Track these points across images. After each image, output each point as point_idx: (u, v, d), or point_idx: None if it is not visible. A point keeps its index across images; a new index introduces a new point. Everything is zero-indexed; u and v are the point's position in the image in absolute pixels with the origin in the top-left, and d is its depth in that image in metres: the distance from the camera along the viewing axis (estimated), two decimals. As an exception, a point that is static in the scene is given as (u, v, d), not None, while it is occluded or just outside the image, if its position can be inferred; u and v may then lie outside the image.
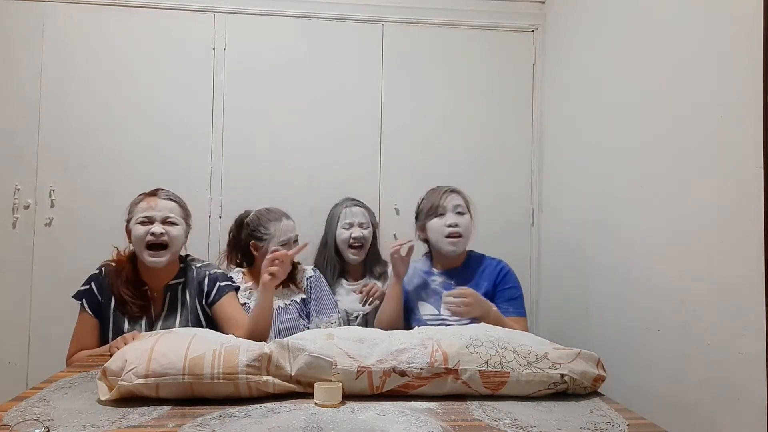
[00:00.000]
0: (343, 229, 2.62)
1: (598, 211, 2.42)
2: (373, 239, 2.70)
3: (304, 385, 1.44)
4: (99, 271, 2.14)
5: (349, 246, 2.61)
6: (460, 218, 2.30)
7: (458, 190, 2.38)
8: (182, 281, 2.17)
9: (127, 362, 1.39)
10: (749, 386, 1.56)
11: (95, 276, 2.13)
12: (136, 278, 2.12)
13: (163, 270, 2.12)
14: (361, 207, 2.69)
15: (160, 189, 2.18)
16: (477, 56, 3.05)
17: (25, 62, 2.79)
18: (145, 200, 2.12)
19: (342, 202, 2.71)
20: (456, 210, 2.31)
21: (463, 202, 2.34)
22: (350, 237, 2.60)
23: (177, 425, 1.23)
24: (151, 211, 2.09)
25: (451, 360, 1.47)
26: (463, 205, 2.33)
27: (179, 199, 2.19)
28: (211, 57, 2.91)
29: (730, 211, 1.64)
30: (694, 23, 1.83)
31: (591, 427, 1.27)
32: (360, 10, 2.99)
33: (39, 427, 1.16)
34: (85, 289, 2.10)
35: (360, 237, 2.60)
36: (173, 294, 2.14)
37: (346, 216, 2.64)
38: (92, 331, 2.08)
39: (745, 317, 1.58)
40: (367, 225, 2.65)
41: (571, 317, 2.65)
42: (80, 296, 2.10)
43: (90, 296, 2.09)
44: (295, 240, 2.43)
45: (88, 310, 2.08)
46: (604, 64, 2.43)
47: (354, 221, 2.62)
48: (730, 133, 1.65)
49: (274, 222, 2.40)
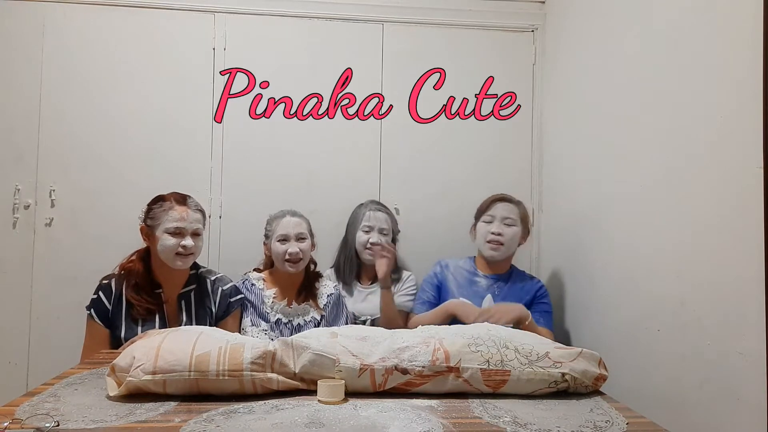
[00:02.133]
0: (362, 231, 2.62)
1: (598, 210, 2.43)
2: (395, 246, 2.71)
3: (308, 383, 1.46)
4: (108, 282, 2.13)
5: (365, 248, 2.62)
6: (506, 229, 2.46)
7: (516, 201, 2.55)
8: (194, 288, 2.19)
9: (135, 359, 1.41)
10: (749, 386, 1.56)
11: (104, 286, 2.12)
12: (152, 281, 2.13)
13: (177, 274, 2.15)
14: (384, 213, 2.68)
15: (187, 197, 2.19)
16: (477, 56, 3.06)
17: (25, 62, 2.79)
18: (176, 209, 2.11)
19: (366, 204, 2.71)
20: (504, 221, 2.46)
21: (515, 215, 2.50)
22: (368, 241, 2.60)
23: (183, 420, 1.25)
24: (183, 222, 2.10)
25: (452, 358, 1.48)
26: (512, 218, 2.48)
27: (202, 208, 2.23)
28: (211, 57, 2.91)
29: (731, 211, 1.65)
30: (694, 23, 1.84)
31: (590, 426, 1.28)
32: (360, 10, 2.99)
33: (49, 422, 1.18)
34: (94, 300, 2.10)
35: (377, 242, 2.59)
36: (187, 302, 2.16)
37: (369, 219, 2.64)
38: (103, 340, 2.08)
39: (745, 317, 1.59)
40: (387, 231, 2.65)
41: (571, 317, 2.66)
42: (89, 308, 2.10)
43: (99, 305, 2.09)
44: (299, 237, 2.39)
45: (98, 320, 2.08)
46: (604, 63, 2.43)
47: (375, 225, 2.62)
48: (731, 133, 1.65)
49: (277, 219, 2.43)
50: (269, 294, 2.38)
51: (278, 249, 2.37)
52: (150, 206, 2.17)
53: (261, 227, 2.53)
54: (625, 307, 2.20)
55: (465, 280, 2.52)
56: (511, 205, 2.51)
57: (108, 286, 2.12)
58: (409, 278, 2.72)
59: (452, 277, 2.53)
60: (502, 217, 2.47)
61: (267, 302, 2.36)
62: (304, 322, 2.35)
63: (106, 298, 2.09)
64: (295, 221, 2.42)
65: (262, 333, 2.27)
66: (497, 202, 2.52)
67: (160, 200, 2.16)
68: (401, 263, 2.78)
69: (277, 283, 2.43)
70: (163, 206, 2.13)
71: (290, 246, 2.36)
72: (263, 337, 2.20)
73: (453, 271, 2.55)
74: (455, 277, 2.53)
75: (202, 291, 2.20)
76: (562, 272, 2.79)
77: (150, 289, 2.11)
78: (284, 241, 2.37)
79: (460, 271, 2.55)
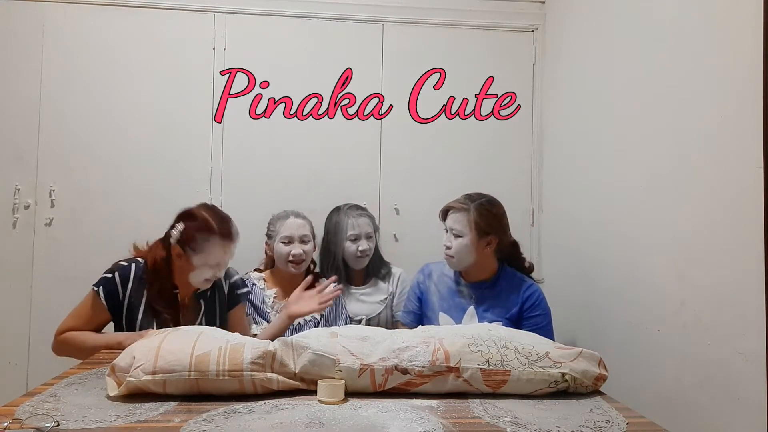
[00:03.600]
0: (349, 241, 2.57)
1: (598, 211, 2.43)
2: (375, 244, 2.69)
3: (308, 383, 1.45)
4: (128, 264, 2.03)
5: (357, 257, 2.59)
6: (454, 240, 2.23)
7: (464, 208, 2.25)
8: (208, 288, 2.15)
9: (135, 359, 1.41)
10: (749, 386, 1.56)
11: (123, 267, 2.01)
12: (171, 282, 2.04)
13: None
14: (365, 216, 2.64)
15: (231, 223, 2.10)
16: (477, 56, 3.06)
17: (25, 62, 2.79)
18: (223, 246, 2.03)
19: (344, 210, 2.65)
20: (452, 231, 2.25)
21: (461, 224, 2.23)
22: (357, 250, 2.57)
23: (183, 420, 1.25)
24: (226, 256, 2.06)
25: (452, 358, 1.47)
26: (458, 228, 2.23)
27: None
28: (211, 57, 2.91)
29: (731, 211, 1.65)
30: (694, 23, 1.84)
31: (590, 426, 1.28)
32: (360, 10, 3.00)
33: (49, 422, 1.18)
34: (106, 278, 1.98)
35: (367, 249, 2.58)
36: (206, 300, 2.14)
37: (353, 227, 2.58)
38: (96, 319, 1.98)
39: (745, 317, 1.59)
40: (371, 234, 2.63)
41: (570, 317, 2.66)
42: (97, 284, 1.97)
43: (109, 285, 1.97)
44: (303, 239, 2.41)
45: (103, 300, 1.96)
46: (604, 63, 2.44)
47: (360, 233, 2.58)
48: (731, 133, 1.65)
49: (281, 219, 2.45)
50: (270, 294, 2.39)
51: (282, 250, 2.38)
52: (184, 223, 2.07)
53: (261, 227, 2.53)
54: (625, 307, 2.20)
55: (447, 290, 2.32)
56: (458, 214, 2.24)
57: (126, 269, 2.01)
58: (400, 277, 2.70)
59: (434, 287, 2.36)
60: (450, 228, 2.26)
61: (268, 302, 2.37)
62: (305, 321, 2.35)
63: (120, 280, 1.98)
64: (299, 223, 2.43)
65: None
66: (448, 213, 2.30)
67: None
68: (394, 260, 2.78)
69: (277, 283, 2.44)
70: (194, 223, 2.04)
71: (294, 248, 2.38)
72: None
73: (436, 280, 2.36)
74: (438, 288, 2.35)
75: (216, 287, 2.17)
76: (562, 272, 2.79)
77: (168, 289, 2.04)
78: (288, 242, 2.39)
79: (444, 280, 2.35)
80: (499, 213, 2.28)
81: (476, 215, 2.22)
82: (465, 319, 2.25)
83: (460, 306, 2.28)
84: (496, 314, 2.22)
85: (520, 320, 2.22)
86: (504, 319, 2.20)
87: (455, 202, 2.28)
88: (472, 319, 2.23)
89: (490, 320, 2.19)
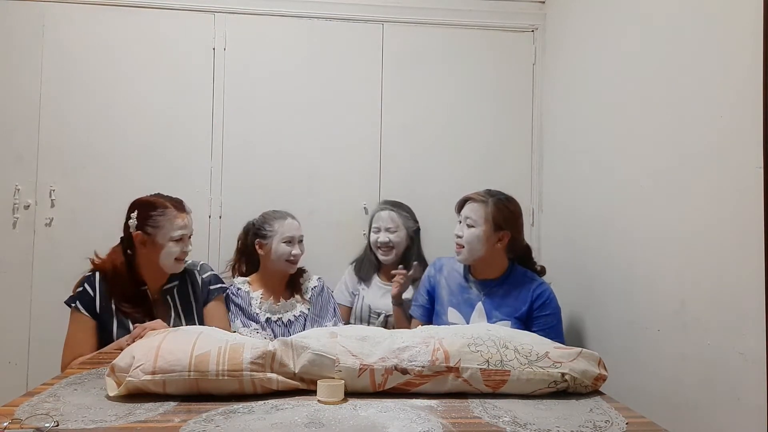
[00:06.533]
0: (373, 232, 2.73)
1: (598, 211, 2.43)
2: (411, 241, 2.74)
3: (308, 383, 1.46)
4: (92, 273, 2.11)
5: (378, 248, 2.71)
6: (466, 230, 2.25)
7: (483, 200, 2.27)
8: (177, 283, 2.19)
9: (135, 359, 1.41)
10: (749, 386, 1.56)
11: (88, 277, 2.10)
12: (136, 279, 2.11)
13: (160, 271, 2.14)
14: (389, 210, 2.73)
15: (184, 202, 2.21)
16: (477, 56, 3.06)
17: (25, 62, 2.79)
18: (180, 217, 2.14)
19: (379, 203, 2.81)
20: (466, 221, 2.27)
21: (478, 215, 2.24)
22: (377, 240, 2.70)
23: (183, 420, 1.25)
24: (186, 229, 2.14)
25: (452, 358, 1.47)
26: (473, 218, 2.24)
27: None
28: (211, 57, 2.91)
29: (731, 210, 1.65)
30: (694, 23, 1.84)
31: (590, 425, 1.28)
32: (360, 10, 3.00)
33: (49, 422, 1.18)
34: (79, 292, 2.07)
35: (386, 242, 2.68)
36: (172, 296, 2.17)
37: (376, 220, 2.73)
38: (89, 333, 2.04)
39: (745, 317, 1.59)
40: (395, 229, 2.70)
41: (570, 317, 2.66)
42: (73, 300, 2.06)
43: (85, 297, 2.06)
44: (300, 240, 2.49)
45: (84, 311, 2.04)
46: (604, 63, 2.44)
47: (381, 225, 2.70)
48: (731, 133, 1.65)
49: (279, 220, 2.47)
50: (256, 296, 2.44)
51: (283, 250, 2.42)
52: (162, 216, 2.16)
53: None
54: (625, 307, 2.20)
55: (457, 286, 2.34)
56: (476, 205, 2.26)
57: (92, 279, 2.09)
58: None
59: (444, 282, 2.38)
60: (465, 218, 2.27)
61: (255, 303, 2.41)
62: (294, 318, 2.42)
63: (91, 289, 2.06)
64: (297, 224, 2.50)
65: (254, 332, 2.32)
66: (465, 203, 2.31)
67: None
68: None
69: (263, 284, 2.49)
70: (168, 212, 2.15)
71: (295, 248, 2.45)
72: (255, 337, 2.22)
73: (446, 275, 2.38)
74: (447, 283, 2.37)
75: (189, 282, 2.22)
76: (562, 272, 2.78)
77: (135, 286, 2.10)
78: (290, 242, 2.44)
79: (454, 275, 2.37)
80: (516, 211, 2.32)
81: (494, 209, 2.25)
82: (473, 315, 2.26)
83: (469, 302, 2.29)
84: (505, 312, 2.23)
85: (530, 319, 2.23)
86: (513, 318, 2.21)
87: (475, 194, 2.32)
88: (480, 315, 2.25)
89: (499, 318, 2.21)
